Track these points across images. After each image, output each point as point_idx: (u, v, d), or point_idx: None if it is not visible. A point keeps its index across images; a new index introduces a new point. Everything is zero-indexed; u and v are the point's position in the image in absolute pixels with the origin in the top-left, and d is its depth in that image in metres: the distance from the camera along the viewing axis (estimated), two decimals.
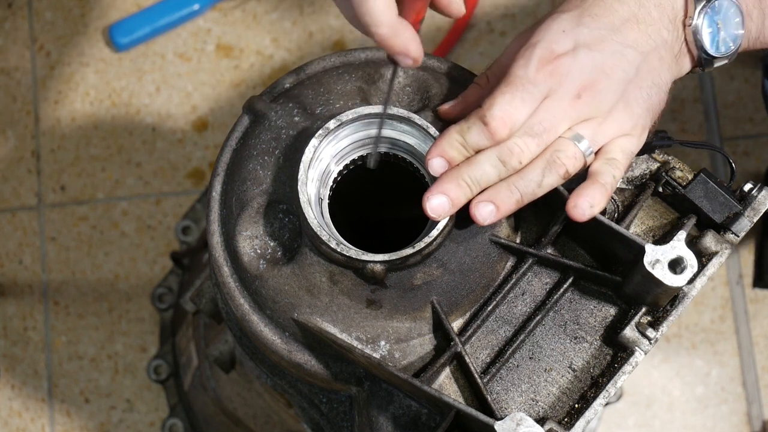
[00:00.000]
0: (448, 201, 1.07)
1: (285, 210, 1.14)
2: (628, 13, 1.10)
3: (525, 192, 1.08)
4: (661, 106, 1.13)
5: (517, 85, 1.06)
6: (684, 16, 1.12)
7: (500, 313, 1.13)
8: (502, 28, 2.39)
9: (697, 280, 1.10)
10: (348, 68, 1.21)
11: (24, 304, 2.32)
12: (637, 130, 1.11)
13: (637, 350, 1.09)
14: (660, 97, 1.12)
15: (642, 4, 1.10)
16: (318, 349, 1.13)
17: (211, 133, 2.37)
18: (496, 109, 1.05)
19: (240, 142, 1.19)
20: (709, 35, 1.12)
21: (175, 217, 2.33)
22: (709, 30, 1.12)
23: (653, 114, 1.13)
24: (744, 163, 2.32)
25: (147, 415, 2.27)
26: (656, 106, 1.12)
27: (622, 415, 2.22)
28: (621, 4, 1.10)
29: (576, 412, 1.09)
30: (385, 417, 1.10)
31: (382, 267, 1.08)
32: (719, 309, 2.26)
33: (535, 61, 1.07)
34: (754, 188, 1.14)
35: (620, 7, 1.10)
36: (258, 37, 2.40)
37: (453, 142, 1.07)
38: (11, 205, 2.36)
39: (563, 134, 1.08)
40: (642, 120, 1.11)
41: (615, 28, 1.09)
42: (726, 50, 1.14)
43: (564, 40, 1.08)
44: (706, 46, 1.13)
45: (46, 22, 2.44)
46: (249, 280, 1.13)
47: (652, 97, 1.11)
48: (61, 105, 2.40)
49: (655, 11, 1.11)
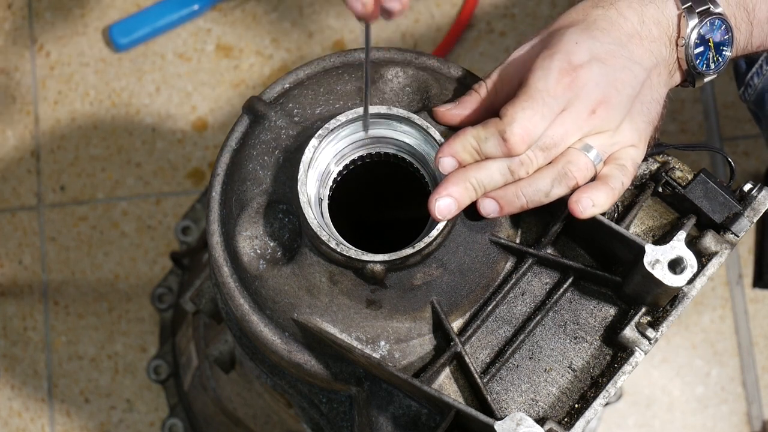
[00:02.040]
0: (454, 202, 1.07)
1: (285, 210, 1.14)
2: (632, 29, 1.11)
3: (531, 200, 1.09)
4: (659, 120, 1.15)
5: (537, 99, 1.06)
6: (677, 35, 1.13)
7: (500, 313, 1.13)
8: (502, 28, 2.39)
9: (697, 280, 1.10)
10: (348, 68, 1.21)
11: (24, 304, 2.32)
12: (642, 143, 1.13)
13: (637, 350, 1.09)
14: (658, 111, 1.14)
15: (644, 21, 1.11)
16: (318, 349, 1.13)
17: (211, 133, 2.37)
18: (516, 126, 1.06)
19: (240, 142, 1.19)
20: (700, 53, 1.14)
21: (175, 217, 2.33)
22: (700, 48, 1.14)
23: (653, 127, 1.14)
24: (744, 163, 2.32)
25: (147, 415, 2.27)
26: (655, 120, 1.14)
27: (622, 415, 2.22)
28: (625, 20, 1.11)
29: (576, 412, 1.09)
30: (385, 417, 1.10)
31: (382, 267, 1.08)
32: (719, 309, 2.26)
33: (555, 72, 1.07)
34: (753, 188, 1.14)
35: (624, 23, 1.11)
36: (258, 37, 2.40)
37: (467, 146, 1.08)
38: (11, 205, 2.36)
39: (573, 145, 1.09)
40: (645, 133, 1.13)
41: (622, 43, 1.10)
42: (715, 67, 1.15)
43: (580, 51, 1.08)
44: (696, 63, 1.14)
45: (46, 22, 2.44)
46: (249, 280, 1.13)
47: (651, 111, 1.13)
48: (61, 105, 2.40)
49: (656, 29, 1.12)
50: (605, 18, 1.11)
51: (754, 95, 1.52)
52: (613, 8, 1.11)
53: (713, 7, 1.13)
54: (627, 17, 1.11)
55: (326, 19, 2.40)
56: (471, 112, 1.14)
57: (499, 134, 1.07)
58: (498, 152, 1.07)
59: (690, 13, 1.12)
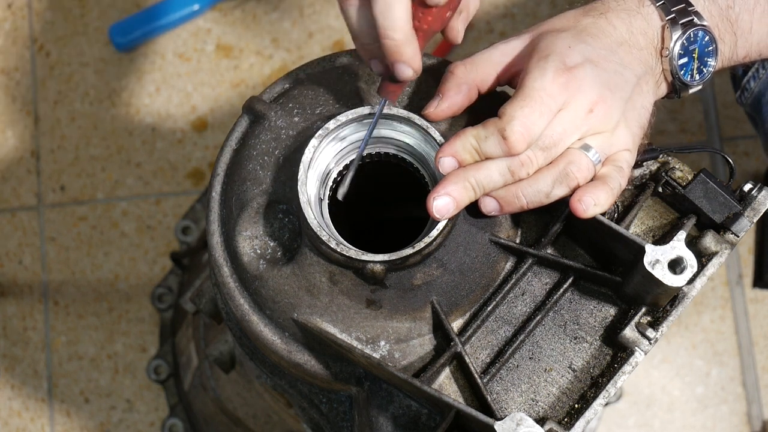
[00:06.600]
0: (452, 202, 1.08)
1: (285, 210, 1.14)
2: (621, 38, 1.13)
3: (532, 200, 1.10)
4: (648, 128, 1.16)
5: (535, 98, 1.07)
6: (662, 46, 1.14)
7: (500, 313, 1.13)
8: (502, 28, 2.39)
9: (697, 280, 1.10)
10: (348, 69, 1.21)
11: (24, 304, 2.32)
12: (635, 148, 1.14)
13: (637, 350, 1.09)
14: (647, 118, 1.15)
15: (631, 31, 1.13)
16: (318, 349, 1.13)
17: (211, 133, 2.37)
18: (515, 123, 1.06)
19: (240, 142, 1.19)
20: (684, 64, 1.15)
21: (175, 217, 2.33)
22: (684, 60, 1.15)
23: (643, 133, 1.15)
24: (744, 163, 2.32)
25: (147, 415, 2.27)
26: (645, 127, 1.15)
27: (622, 415, 2.22)
28: (614, 29, 1.13)
29: (576, 412, 1.09)
30: (385, 417, 1.10)
31: (382, 267, 1.08)
32: (719, 309, 2.26)
33: (550, 72, 1.08)
34: (753, 188, 1.14)
35: (614, 31, 1.12)
36: (258, 38, 2.40)
37: (467, 146, 1.08)
38: (11, 205, 2.36)
39: (572, 145, 1.09)
40: (637, 138, 1.14)
41: (613, 50, 1.12)
42: (700, 78, 1.17)
43: (573, 54, 1.09)
44: (681, 74, 1.15)
45: (46, 22, 2.44)
46: (249, 281, 1.13)
47: (642, 117, 1.14)
48: (61, 105, 2.40)
49: (642, 39, 1.14)
50: (595, 26, 1.12)
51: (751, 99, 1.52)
52: (602, 17, 1.13)
53: (697, 18, 1.14)
54: (616, 26, 1.13)
55: (326, 19, 2.41)
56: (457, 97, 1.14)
57: (498, 133, 1.07)
58: (498, 151, 1.08)
59: (674, 25, 1.13)
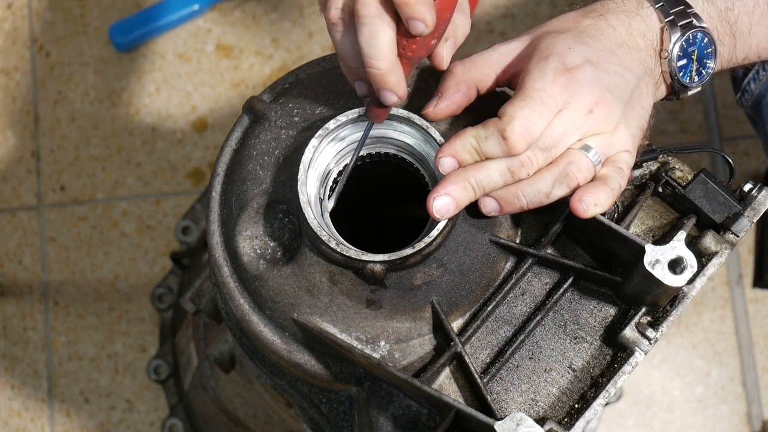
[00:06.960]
0: (452, 202, 1.08)
1: (285, 210, 1.14)
2: (621, 39, 1.13)
3: (532, 201, 1.10)
4: (647, 129, 1.16)
5: (534, 98, 1.07)
6: (660, 48, 1.14)
7: (500, 313, 1.13)
8: (502, 28, 2.39)
9: (697, 280, 1.10)
10: None
11: (24, 304, 2.32)
12: (634, 150, 1.14)
13: (637, 350, 1.09)
14: (647, 120, 1.15)
15: (631, 33, 1.13)
16: (318, 349, 1.13)
17: (211, 133, 2.37)
18: (516, 124, 1.06)
19: (240, 142, 1.19)
20: (683, 66, 1.15)
21: (175, 217, 2.33)
22: (683, 61, 1.15)
23: (643, 134, 1.15)
24: (744, 163, 2.32)
25: (147, 415, 2.27)
26: (644, 128, 1.15)
27: (622, 415, 2.22)
28: (614, 31, 1.13)
29: (576, 412, 1.09)
30: (385, 417, 1.10)
31: (382, 267, 1.08)
32: (719, 309, 2.26)
33: (550, 73, 1.08)
34: (753, 188, 1.14)
35: (613, 33, 1.13)
36: (258, 38, 2.40)
37: (467, 146, 1.08)
38: (11, 205, 2.36)
39: (572, 146, 1.09)
40: (637, 140, 1.14)
41: (612, 51, 1.12)
42: (699, 79, 1.17)
43: (573, 55, 1.09)
44: (680, 76, 1.15)
45: (46, 22, 2.44)
46: (249, 281, 1.13)
47: (641, 118, 1.14)
48: (61, 105, 2.40)
49: (641, 40, 1.14)
50: (595, 27, 1.13)
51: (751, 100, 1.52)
52: (602, 19, 1.13)
53: (696, 20, 1.14)
54: (615, 28, 1.13)
55: None
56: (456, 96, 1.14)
57: (498, 133, 1.07)
58: (498, 151, 1.08)
59: (673, 27, 1.13)
